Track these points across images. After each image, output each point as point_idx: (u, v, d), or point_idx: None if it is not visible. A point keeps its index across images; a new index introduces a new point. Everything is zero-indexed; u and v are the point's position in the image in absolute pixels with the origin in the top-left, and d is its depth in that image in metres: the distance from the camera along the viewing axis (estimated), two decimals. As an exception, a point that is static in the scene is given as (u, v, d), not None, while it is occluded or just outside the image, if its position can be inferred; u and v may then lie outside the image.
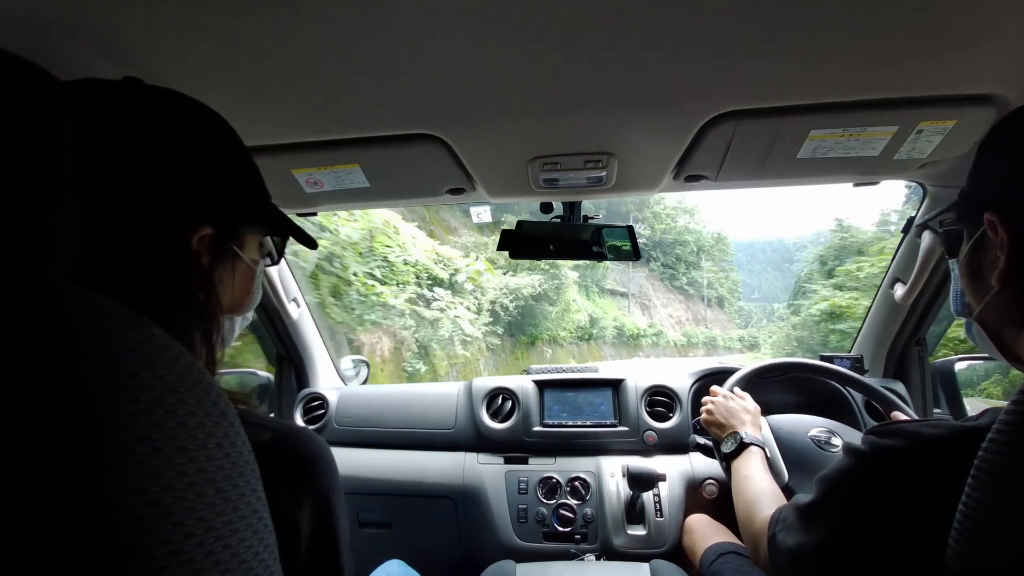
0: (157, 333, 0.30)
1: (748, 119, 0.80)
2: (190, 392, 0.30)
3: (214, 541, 0.28)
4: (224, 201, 0.51)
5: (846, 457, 0.61)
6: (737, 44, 0.62)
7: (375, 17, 0.57)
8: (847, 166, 0.95)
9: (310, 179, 1.02)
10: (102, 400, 0.26)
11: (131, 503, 0.25)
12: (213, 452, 0.30)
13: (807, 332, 15.32)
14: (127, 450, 0.26)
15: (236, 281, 0.55)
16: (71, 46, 0.60)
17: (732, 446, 0.99)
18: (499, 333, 12.29)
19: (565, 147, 0.91)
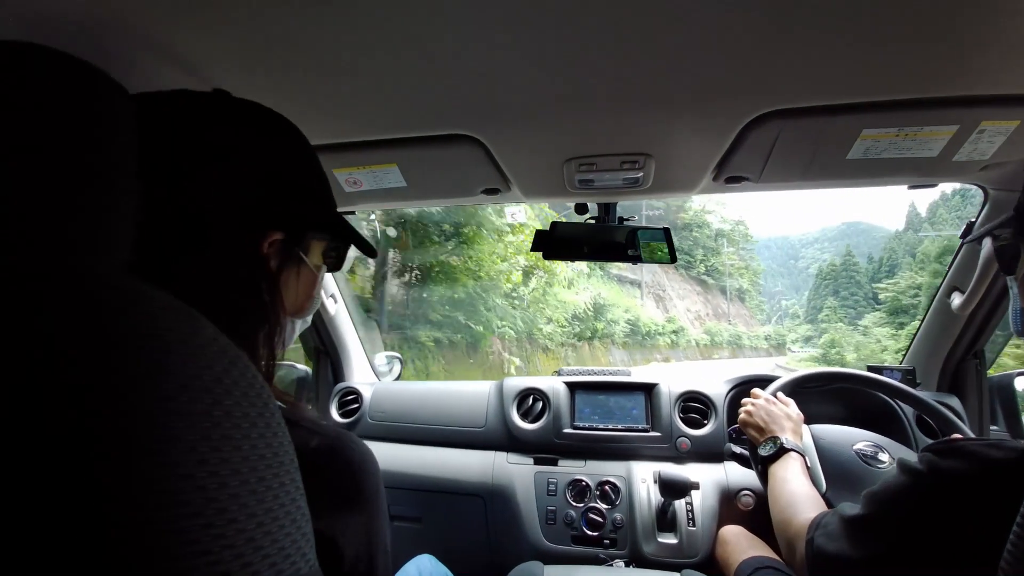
0: (206, 325, 0.31)
1: (795, 118, 0.77)
2: (236, 384, 0.31)
3: (255, 528, 0.29)
4: (296, 208, 0.53)
5: (901, 475, 0.59)
6: (785, 40, 0.60)
7: (416, 20, 0.58)
8: (902, 167, 0.90)
9: (349, 178, 1.04)
10: (153, 388, 0.27)
11: (179, 487, 0.26)
12: (256, 442, 0.31)
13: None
14: (176, 436, 0.27)
15: (300, 285, 0.57)
16: (133, 52, 0.63)
17: (771, 450, 0.96)
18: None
19: (601, 148, 0.90)
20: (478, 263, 7.60)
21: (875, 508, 0.61)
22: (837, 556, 0.62)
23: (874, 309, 64.08)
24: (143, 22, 0.59)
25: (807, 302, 75.95)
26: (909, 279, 38.62)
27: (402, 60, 0.66)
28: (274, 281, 0.52)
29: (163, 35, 0.61)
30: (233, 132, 0.50)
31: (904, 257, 70.09)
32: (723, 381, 1.53)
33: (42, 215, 0.31)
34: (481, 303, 8.58)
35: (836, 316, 64.05)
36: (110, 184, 0.35)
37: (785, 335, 53.53)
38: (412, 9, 0.56)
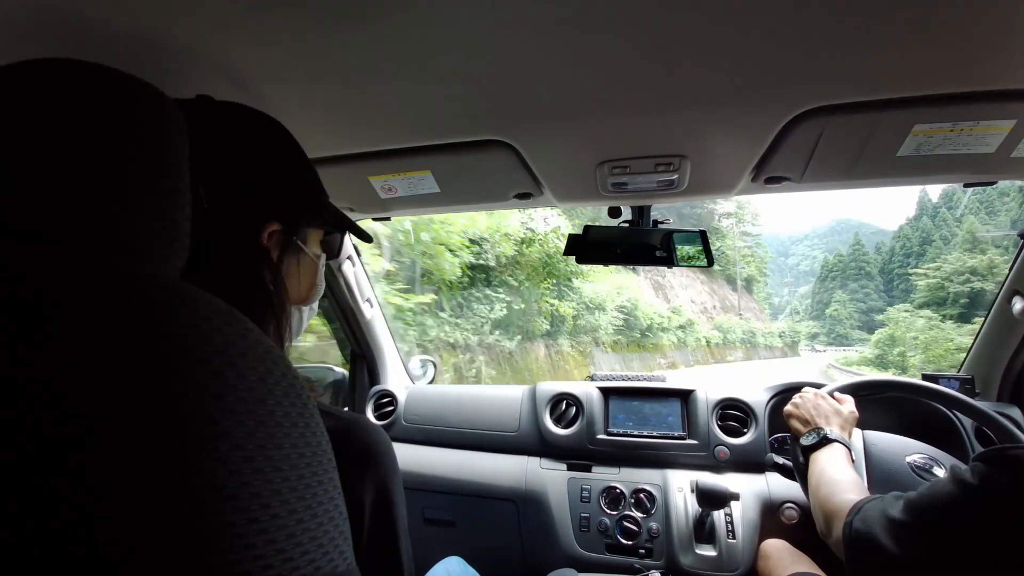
0: (251, 328, 0.33)
1: (840, 114, 0.74)
2: (278, 383, 0.32)
3: (295, 524, 0.30)
4: (288, 199, 0.57)
5: (950, 485, 0.56)
6: (831, 32, 0.57)
7: (450, 29, 0.59)
8: (957, 164, 0.85)
9: (385, 185, 1.06)
10: (205, 387, 0.28)
11: (227, 483, 0.27)
12: (296, 440, 0.32)
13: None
14: (225, 433, 0.28)
15: (301, 274, 0.60)
16: (185, 68, 0.67)
17: (813, 440, 0.92)
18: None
19: (635, 150, 0.89)
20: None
21: (919, 518, 0.58)
22: (876, 547, 0.60)
23: (892, 300, 57.34)
24: (197, 41, 0.62)
25: (812, 296, 71.84)
26: (957, 262, 35.32)
27: (436, 68, 0.67)
28: (276, 271, 0.55)
29: (213, 52, 0.64)
30: (220, 135, 0.53)
31: (920, 245, 64.89)
32: (763, 388, 1.48)
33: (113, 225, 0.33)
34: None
35: (846, 311, 60.19)
36: (171, 193, 0.37)
37: (800, 331, 50.49)
38: (445, 19, 0.57)
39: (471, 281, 7.44)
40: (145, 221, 0.35)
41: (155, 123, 0.37)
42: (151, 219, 0.36)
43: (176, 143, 0.38)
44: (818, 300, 66.64)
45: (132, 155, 0.35)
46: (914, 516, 0.58)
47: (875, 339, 25.54)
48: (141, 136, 0.36)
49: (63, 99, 0.33)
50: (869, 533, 0.62)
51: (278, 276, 0.55)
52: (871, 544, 0.61)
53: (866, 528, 0.63)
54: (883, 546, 0.59)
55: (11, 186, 0.31)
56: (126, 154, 0.34)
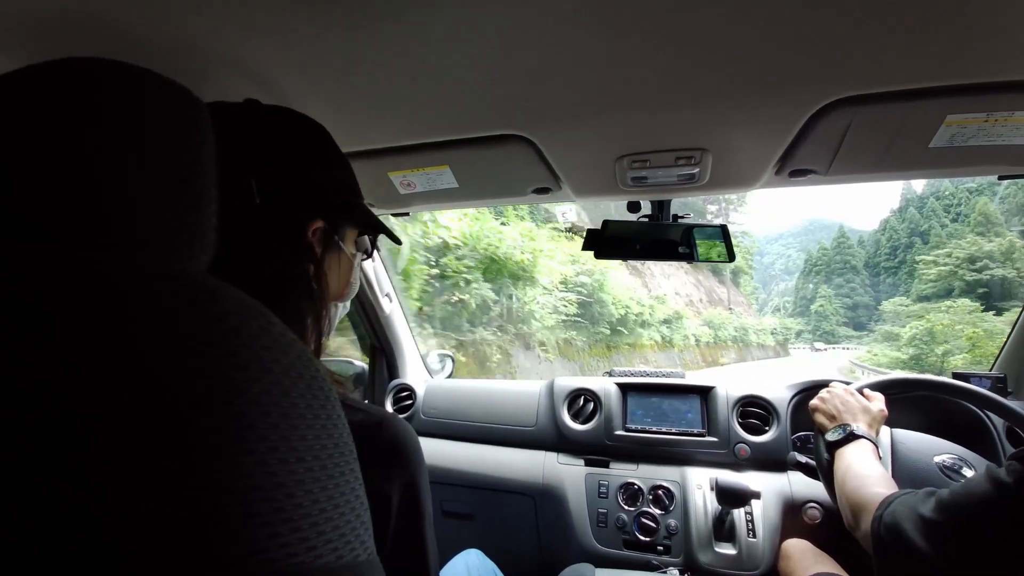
0: (275, 321, 0.33)
1: (869, 105, 0.72)
2: (301, 376, 0.32)
3: (318, 513, 0.30)
4: (330, 199, 0.59)
5: (985, 484, 0.55)
6: (862, 20, 0.55)
7: (470, 24, 0.59)
8: (991, 155, 0.82)
9: (404, 181, 1.07)
10: (230, 379, 0.29)
11: (253, 472, 0.28)
12: (319, 432, 0.32)
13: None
14: (251, 424, 0.28)
15: (340, 271, 0.62)
16: (210, 68, 0.68)
17: (839, 435, 0.90)
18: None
19: (655, 144, 0.88)
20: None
21: (952, 518, 0.57)
22: (906, 544, 0.59)
23: (878, 295, 54.32)
24: (220, 41, 0.64)
25: (795, 292, 68.98)
26: (971, 246, 32.53)
27: (456, 63, 0.67)
28: (320, 266, 0.57)
29: (235, 51, 0.65)
30: (270, 136, 0.55)
31: (908, 236, 62.18)
32: (786, 386, 1.45)
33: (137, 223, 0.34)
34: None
35: (832, 306, 57.87)
36: (199, 191, 0.38)
37: (791, 328, 48.34)
38: (465, 14, 0.57)
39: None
40: (169, 218, 0.36)
41: (178, 120, 0.37)
42: (175, 216, 0.36)
43: (200, 140, 0.39)
44: (802, 296, 64.05)
45: (158, 152, 0.35)
46: (947, 516, 0.57)
47: (908, 335, 23.83)
48: (167, 132, 0.36)
49: (87, 96, 0.34)
50: (899, 529, 0.61)
51: (320, 271, 0.57)
52: (901, 541, 0.60)
53: (896, 524, 0.62)
54: (914, 544, 0.58)
55: (32, 185, 0.32)
56: (152, 151, 0.35)
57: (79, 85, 0.34)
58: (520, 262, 8.05)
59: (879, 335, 31.73)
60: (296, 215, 0.55)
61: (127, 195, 0.34)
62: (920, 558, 0.57)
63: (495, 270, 7.64)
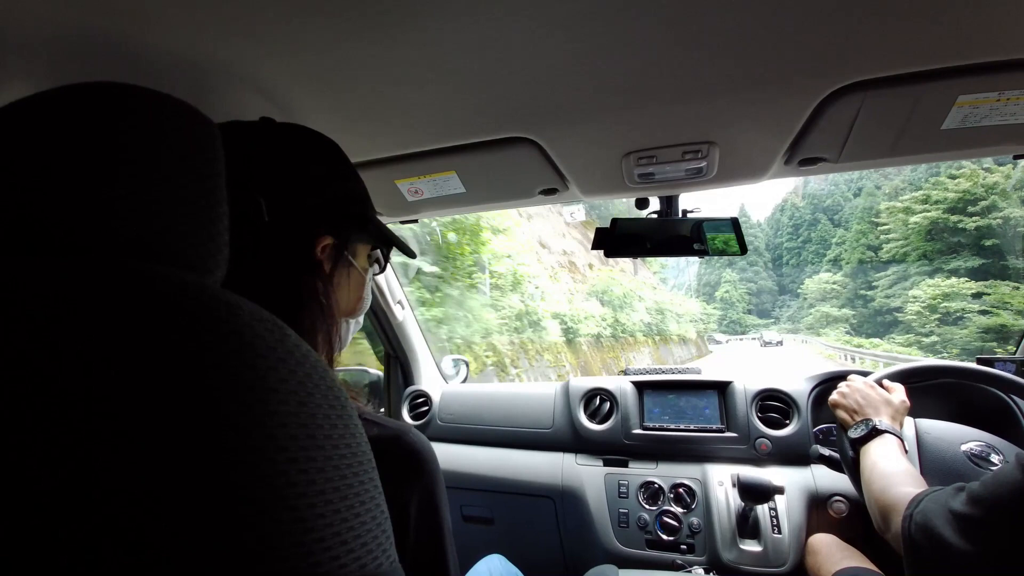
0: (291, 334, 0.34)
1: (879, 89, 0.71)
2: (317, 387, 0.33)
3: (340, 523, 0.30)
4: (340, 215, 0.59)
5: (1017, 473, 0.53)
6: (867, 4, 0.55)
7: (473, 28, 0.59)
8: (1005, 135, 0.80)
9: (411, 188, 1.08)
10: (249, 390, 0.29)
11: (274, 483, 0.28)
12: (337, 442, 0.32)
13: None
14: (270, 435, 0.29)
15: (351, 287, 0.62)
16: (216, 84, 0.69)
17: (862, 431, 0.88)
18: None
19: (661, 139, 0.87)
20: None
21: (986, 511, 0.55)
22: (940, 542, 0.58)
23: (781, 277, 50.55)
24: (228, 59, 0.65)
25: (698, 277, 63.23)
26: (957, 188, 25.03)
27: (459, 69, 0.67)
28: (328, 283, 0.57)
29: (240, 65, 0.66)
30: (280, 153, 0.56)
31: (812, 213, 58.47)
32: (804, 378, 1.43)
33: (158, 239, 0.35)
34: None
35: (737, 292, 54.16)
36: (212, 208, 0.39)
37: (713, 314, 43.86)
38: (468, 20, 0.58)
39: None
40: (188, 235, 0.37)
41: (193, 140, 0.38)
42: (194, 233, 0.37)
43: (213, 158, 0.39)
44: (705, 283, 59.04)
45: (173, 172, 0.36)
46: (980, 509, 0.56)
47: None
48: (181, 153, 0.37)
49: (107, 119, 0.35)
50: (931, 527, 0.59)
51: (329, 288, 0.57)
52: (934, 540, 0.58)
53: (927, 522, 0.60)
54: (947, 541, 0.57)
55: (59, 202, 0.33)
56: (168, 171, 0.36)
57: (101, 108, 0.35)
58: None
59: (815, 320, 29.50)
60: (304, 233, 0.55)
61: (146, 213, 0.35)
62: (957, 556, 0.56)
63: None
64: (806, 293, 35.51)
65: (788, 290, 50.08)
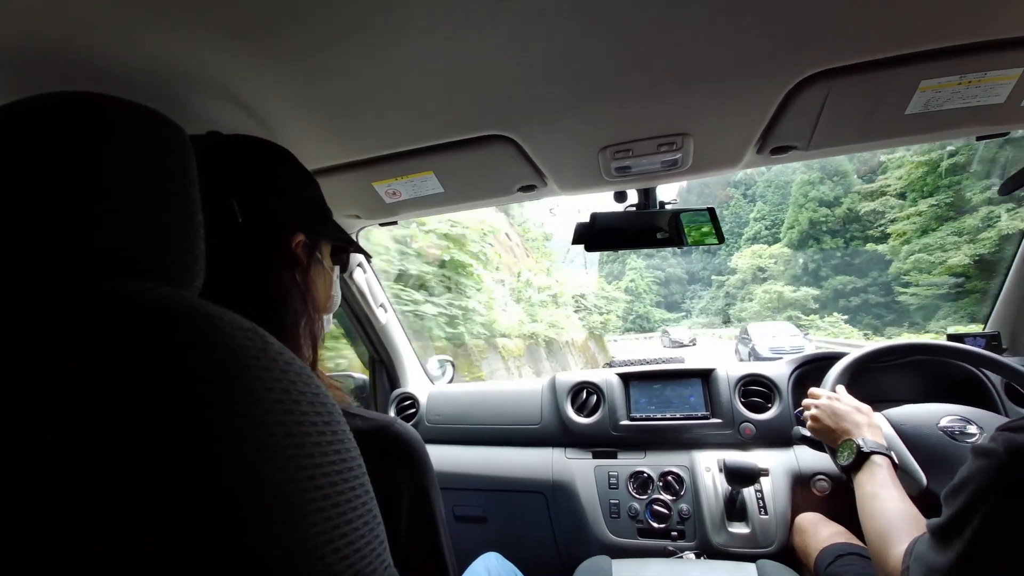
0: (272, 341, 0.33)
1: (844, 77, 0.72)
2: (303, 394, 0.32)
3: (332, 530, 0.30)
4: (309, 215, 0.61)
5: (976, 460, 0.53)
6: None
7: (445, 27, 0.59)
8: (967, 117, 0.83)
9: (389, 190, 1.07)
10: (235, 400, 0.29)
11: (265, 495, 0.28)
12: (325, 449, 0.32)
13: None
14: (259, 445, 0.28)
15: (323, 284, 0.63)
16: (185, 92, 0.68)
17: (849, 458, 0.85)
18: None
19: (636, 132, 0.88)
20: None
21: (950, 506, 0.55)
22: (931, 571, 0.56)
23: (690, 264, 43.50)
24: (196, 66, 0.63)
25: (599, 264, 49.45)
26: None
27: (432, 70, 0.67)
28: (306, 275, 0.59)
29: (211, 75, 0.65)
30: (246, 159, 0.58)
31: (728, 188, 48.59)
32: (785, 362, 1.46)
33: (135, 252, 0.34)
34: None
35: (644, 281, 45.26)
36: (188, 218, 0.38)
37: (620, 302, 32.97)
38: (439, 21, 0.57)
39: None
40: (165, 246, 0.36)
41: (166, 150, 0.37)
42: (171, 244, 0.36)
43: (186, 168, 0.39)
44: (608, 272, 47.46)
45: (148, 182, 0.35)
46: (948, 504, 0.55)
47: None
48: (155, 163, 0.36)
49: (77, 130, 0.34)
50: (920, 571, 0.58)
51: (308, 279, 0.59)
52: (923, 570, 0.57)
53: (918, 565, 0.59)
54: (935, 569, 0.55)
55: (30, 217, 0.31)
56: (143, 182, 0.35)
57: (73, 120, 0.34)
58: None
59: (761, 305, 25.61)
60: (279, 229, 0.56)
61: (124, 226, 0.34)
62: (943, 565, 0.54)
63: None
64: (738, 269, 31.20)
65: (699, 279, 44.48)
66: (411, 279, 4.90)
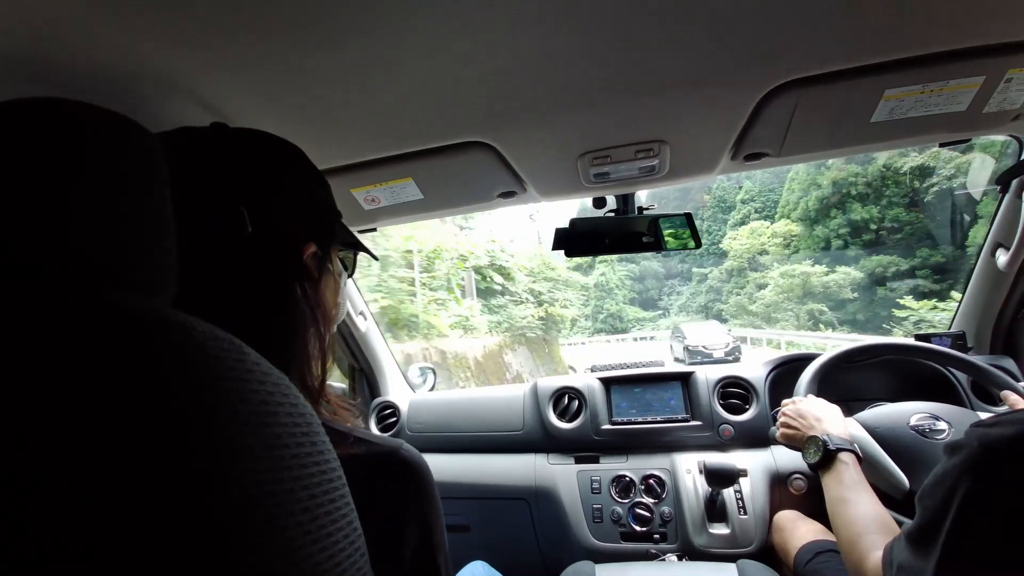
0: (249, 352, 0.32)
1: (812, 86, 0.75)
2: (280, 405, 0.32)
3: (312, 544, 0.30)
4: (321, 221, 0.57)
5: (949, 457, 0.54)
6: (798, 6, 0.58)
7: (422, 35, 0.59)
8: (931, 124, 0.86)
9: (368, 196, 1.06)
10: (210, 413, 0.28)
11: (240, 506, 0.27)
12: (304, 461, 0.31)
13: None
14: (235, 459, 0.28)
15: (332, 293, 0.60)
16: (155, 95, 0.66)
17: (816, 455, 0.86)
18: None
19: (614, 139, 0.89)
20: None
21: (924, 506, 0.55)
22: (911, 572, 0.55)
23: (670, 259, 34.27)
24: (170, 70, 0.62)
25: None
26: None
27: (410, 76, 0.67)
28: (316, 288, 0.55)
29: (185, 79, 0.64)
30: (255, 160, 0.53)
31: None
32: (762, 363, 1.49)
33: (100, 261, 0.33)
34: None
35: (616, 276, 36.29)
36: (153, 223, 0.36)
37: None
38: (417, 28, 0.57)
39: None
40: (135, 254, 0.35)
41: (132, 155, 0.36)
42: (141, 251, 0.35)
43: (157, 173, 0.37)
44: (576, 264, 34.25)
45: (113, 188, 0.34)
46: (921, 503, 0.55)
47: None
48: (120, 169, 0.35)
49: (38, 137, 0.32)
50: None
51: (319, 293, 0.55)
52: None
53: (902, 573, 0.58)
54: (919, 568, 0.54)
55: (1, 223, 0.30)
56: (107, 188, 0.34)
57: (37, 125, 0.33)
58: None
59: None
60: (292, 240, 0.53)
61: (91, 233, 0.32)
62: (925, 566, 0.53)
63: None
64: (730, 253, 25.60)
65: (676, 272, 37.75)
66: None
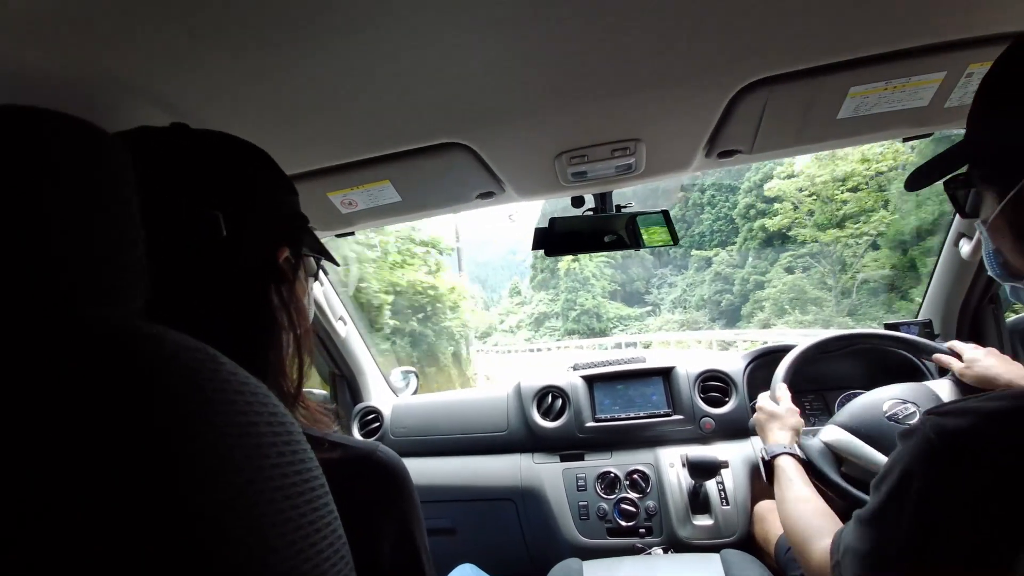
0: (225, 362, 0.32)
1: (781, 84, 0.77)
2: (259, 414, 0.31)
3: (295, 555, 0.29)
4: (292, 226, 0.57)
5: (902, 443, 0.53)
6: (765, 5, 0.59)
7: (393, 36, 0.58)
8: (895, 120, 0.89)
9: (344, 200, 1.04)
10: (186, 425, 0.27)
11: (221, 518, 0.26)
12: (286, 470, 0.31)
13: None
14: (214, 471, 0.27)
15: (303, 296, 0.60)
16: (118, 98, 0.64)
17: (763, 461, 0.94)
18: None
19: (590, 138, 0.90)
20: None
21: (880, 493, 0.55)
22: (868, 568, 0.55)
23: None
24: (133, 74, 0.60)
25: (533, 272, 39.93)
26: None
27: (384, 78, 0.66)
28: (292, 291, 0.55)
29: (153, 84, 0.62)
30: (228, 163, 0.52)
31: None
32: (740, 356, 1.52)
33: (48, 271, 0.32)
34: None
35: (592, 263, 30.83)
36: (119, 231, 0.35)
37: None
38: (391, 29, 0.57)
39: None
40: (100, 264, 0.33)
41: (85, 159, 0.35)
42: (107, 261, 0.34)
43: (123, 181, 0.36)
44: (539, 282, 37.49)
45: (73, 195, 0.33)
46: (876, 490, 0.56)
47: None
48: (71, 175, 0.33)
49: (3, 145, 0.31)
50: (856, 565, 0.57)
51: (293, 296, 0.55)
52: (861, 572, 0.56)
53: (851, 558, 0.58)
54: (871, 563, 0.55)
55: None
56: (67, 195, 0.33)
57: None
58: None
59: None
60: (267, 244, 0.52)
61: (55, 244, 0.31)
62: (875, 568, 0.54)
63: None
64: (783, 197, 19.82)
65: (670, 260, 32.33)
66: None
